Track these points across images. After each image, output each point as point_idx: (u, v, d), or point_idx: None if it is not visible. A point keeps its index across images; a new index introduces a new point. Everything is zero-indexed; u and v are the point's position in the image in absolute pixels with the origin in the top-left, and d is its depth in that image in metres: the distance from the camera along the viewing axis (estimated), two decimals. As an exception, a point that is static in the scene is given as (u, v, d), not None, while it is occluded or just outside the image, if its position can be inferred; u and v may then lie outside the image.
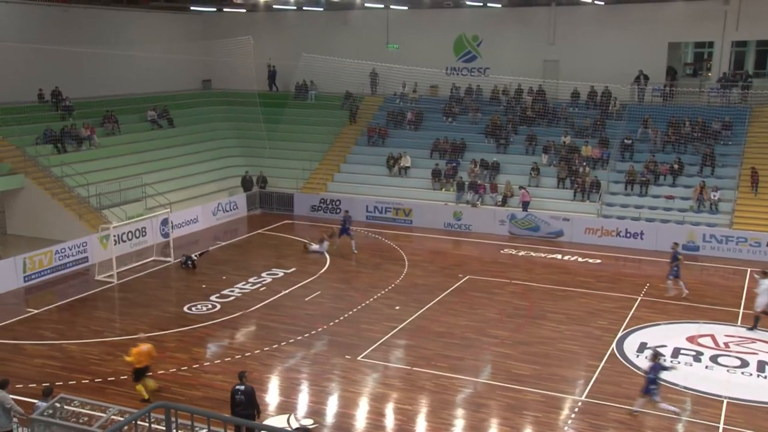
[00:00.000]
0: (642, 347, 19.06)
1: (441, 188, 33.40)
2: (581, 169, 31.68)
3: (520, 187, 31.45)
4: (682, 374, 17.18)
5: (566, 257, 27.57)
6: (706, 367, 17.89)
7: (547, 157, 32.99)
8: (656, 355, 15.36)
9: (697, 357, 18.41)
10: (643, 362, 18.13)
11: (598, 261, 27.04)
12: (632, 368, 17.86)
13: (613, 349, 18.96)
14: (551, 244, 29.34)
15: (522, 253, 28.14)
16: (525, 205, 30.86)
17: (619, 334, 19.89)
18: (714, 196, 28.96)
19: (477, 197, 32.06)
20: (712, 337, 19.65)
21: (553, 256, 27.78)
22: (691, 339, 19.41)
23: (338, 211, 33.70)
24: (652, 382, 15.08)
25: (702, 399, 16.38)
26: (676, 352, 18.63)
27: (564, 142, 33.22)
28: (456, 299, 22.77)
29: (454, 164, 33.86)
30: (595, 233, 29.27)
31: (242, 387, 13.89)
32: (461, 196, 32.49)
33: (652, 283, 24.15)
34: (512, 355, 18.54)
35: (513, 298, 22.95)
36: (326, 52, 37.96)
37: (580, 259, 27.27)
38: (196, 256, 26.24)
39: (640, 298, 22.84)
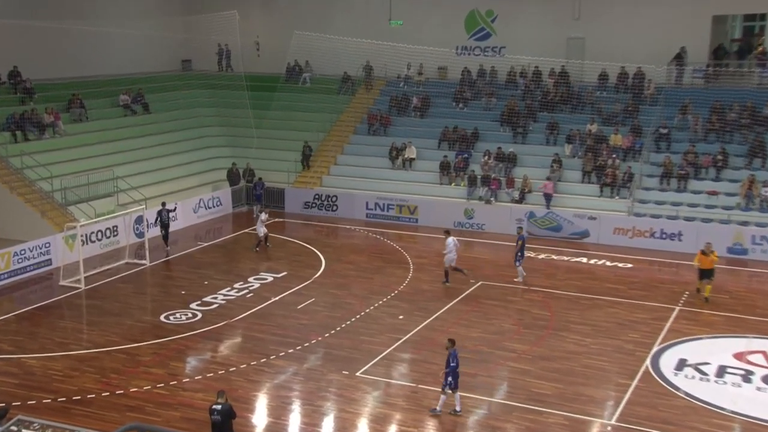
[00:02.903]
0: (681, 365, 18.88)
1: (450, 183, 33.29)
2: (610, 162, 31.56)
3: (548, 178, 31.32)
4: (729, 396, 16.98)
5: (593, 261, 27.47)
6: (758, 388, 17.65)
7: (570, 148, 32.86)
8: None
9: (747, 377, 18.19)
10: (683, 381, 17.97)
11: (630, 265, 26.91)
12: (670, 388, 17.70)
13: (647, 366, 18.82)
14: (575, 246, 29.23)
15: (542, 256, 28.02)
16: (548, 199, 30.75)
17: (654, 349, 19.74)
18: (765, 191, 28.77)
19: (491, 193, 31.94)
20: (765, 354, 19.43)
21: (578, 259, 27.67)
22: (739, 356, 19.19)
23: (335, 208, 33.61)
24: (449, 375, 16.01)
25: (754, 426, 16.16)
26: (721, 371, 18.40)
27: (590, 131, 33.10)
28: (467, 308, 22.67)
29: (465, 156, 33.73)
30: (625, 234, 29.13)
31: (219, 406, 13.80)
32: (473, 192, 32.38)
33: (691, 291, 24.01)
34: (531, 372, 18.43)
35: (532, 306, 22.83)
36: (321, 29, 37.83)
37: (608, 263, 27.15)
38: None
39: (678, 308, 22.69)
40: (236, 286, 24.45)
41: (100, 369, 18.46)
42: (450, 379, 16.19)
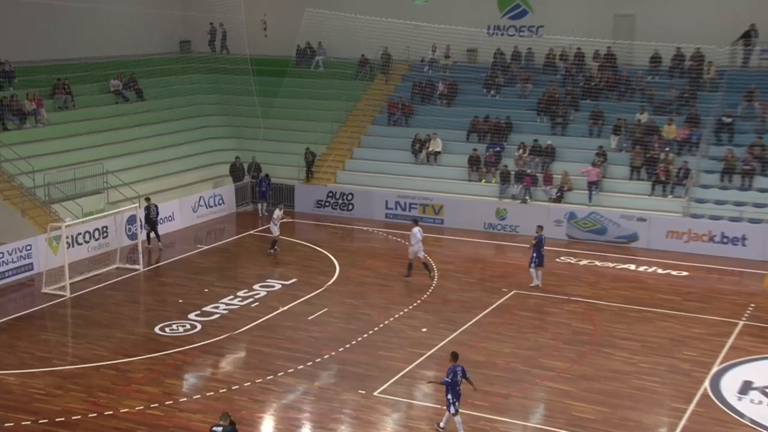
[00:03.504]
0: (746, 388, 18.64)
1: (480, 179, 33.22)
2: (662, 155, 31.32)
3: (593, 164, 31.12)
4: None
5: (642, 268, 27.33)
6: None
7: (617, 140, 32.71)
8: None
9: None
10: (748, 407, 17.73)
11: (685, 273, 26.72)
12: (732, 414, 17.49)
13: (705, 388, 18.63)
14: (622, 251, 29.11)
15: (584, 262, 27.97)
16: (592, 189, 30.64)
17: (714, 370, 19.54)
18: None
19: (526, 191, 31.84)
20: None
21: (625, 266, 27.56)
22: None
23: (351, 208, 33.61)
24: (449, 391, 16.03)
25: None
26: (792, 396, 18.19)
27: (639, 121, 32.87)
28: (499, 320, 22.62)
29: (498, 149, 33.65)
30: (680, 237, 28.95)
31: (220, 428, 13.82)
32: (506, 190, 32.30)
33: (758, 304, 23.74)
34: (572, 393, 18.32)
35: (573, 319, 22.73)
36: (336, 7, 37.86)
37: (660, 271, 27.00)
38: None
39: (741, 323, 22.45)
40: (240, 294, 24.49)
41: (86, 387, 18.52)
42: (449, 396, 16.12)
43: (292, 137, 37.52)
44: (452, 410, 16.15)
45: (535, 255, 25.08)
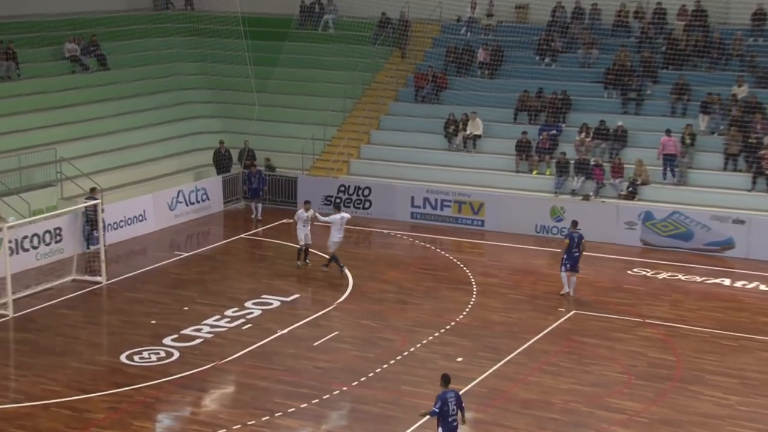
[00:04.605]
0: None
1: (531, 170, 33.15)
2: (767, 140, 31.13)
3: (667, 132, 31.01)
4: None
5: (739, 284, 27.18)
6: None
7: (707, 120, 32.58)
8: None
9: None
10: None
11: (794, 291, 26.65)
12: None
13: (821, 435, 18.44)
14: (713, 261, 29.00)
15: (664, 275, 27.85)
16: (668, 164, 30.54)
17: (831, 412, 19.32)
18: None
19: (597, 186, 31.75)
20: None
21: (717, 280, 27.43)
22: None
23: (368, 205, 33.55)
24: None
25: None
26: None
27: (737, 96, 32.71)
28: (555, 347, 22.51)
29: (553, 132, 33.54)
30: (788, 245, 28.89)
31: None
32: (563, 183, 32.20)
33: None
34: (651, 442, 18.21)
35: (649, 347, 22.59)
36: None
37: (763, 287, 26.83)
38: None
39: None
40: (228, 313, 24.45)
41: (34, 431, 18.44)
42: (440, 430, 15.96)
43: (295, 117, 37.55)
44: None
45: (565, 257, 25.52)
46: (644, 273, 28.00)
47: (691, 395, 20.06)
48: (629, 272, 27.98)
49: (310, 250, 28.14)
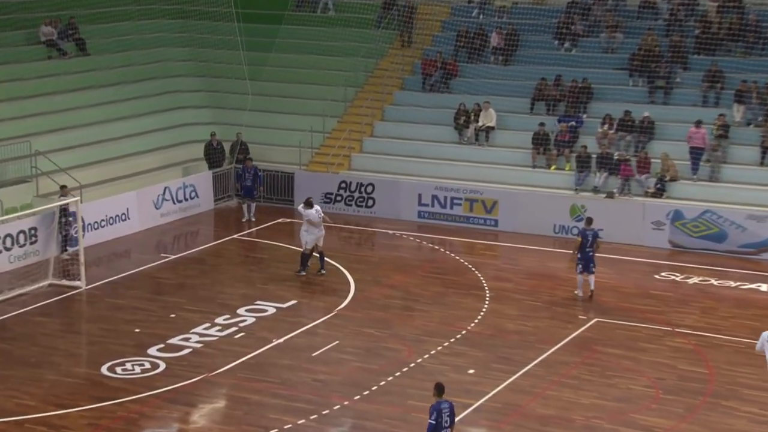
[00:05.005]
0: None
1: (549, 165, 33.18)
2: (808, 132, 31.33)
3: (697, 123, 30.92)
4: None
5: (777, 289, 27.22)
6: None
7: (743, 110, 32.56)
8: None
9: None
10: None
11: (838, 297, 26.60)
12: None
13: None
14: (749, 264, 28.96)
15: (695, 279, 27.83)
16: (695, 158, 30.55)
17: None
18: None
19: (624, 183, 31.77)
20: None
21: (753, 285, 27.38)
22: None
23: (371, 203, 33.54)
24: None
25: None
26: None
27: (773, 85, 32.73)
28: (575, 358, 22.47)
29: (573, 123, 33.55)
30: (831, 247, 28.92)
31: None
32: (585, 179, 32.24)
33: None
34: (680, 462, 18.22)
35: (678, 359, 22.53)
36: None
37: (802, 293, 26.88)
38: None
39: None
40: (219, 321, 24.42)
41: (8, 448, 18.53)
42: None
43: (291, 107, 37.56)
44: None
45: (579, 256, 25.71)
46: (673, 277, 27.95)
47: (725, 411, 19.99)
48: (656, 277, 27.94)
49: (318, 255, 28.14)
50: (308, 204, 27.52)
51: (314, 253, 27.66)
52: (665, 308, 25.54)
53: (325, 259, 28.08)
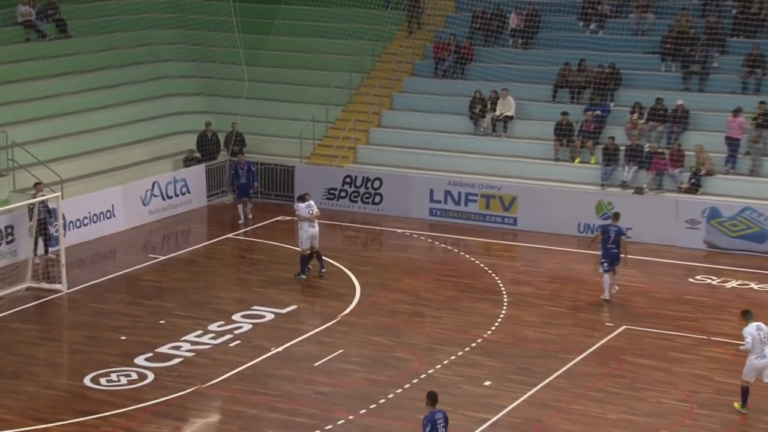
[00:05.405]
0: None
1: (573, 158, 33.15)
2: None
3: (735, 111, 30.94)
4: None
5: (824, 294, 27.10)
6: None
7: (786, 98, 32.48)
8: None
9: None
10: None
11: None
12: None
13: None
14: (792, 267, 28.87)
15: (733, 283, 27.75)
16: (733, 150, 30.57)
17: None
18: None
19: (657, 178, 31.70)
20: None
21: (797, 290, 27.37)
22: None
23: (378, 199, 33.48)
24: None
25: None
26: None
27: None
28: (602, 370, 22.41)
29: (600, 112, 33.50)
30: None
31: None
32: (612, 174, 32.22)
33: None
34: (716, 484, 18.17)
35: (715, 370, 22.42)
36: None
37: None
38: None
39: None
40: (213, 328, 24.40)
41: (-19, 466, 18.55)
42: None
43: (291, 95, 37.58)
44: None
45: (602, 254, 25.93)
46: (709, 281, 27.90)
47: (764, 428, 19.92)
48: (691, 280, 27.93)
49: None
50: (300, 198, 27.64)
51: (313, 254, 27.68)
52: (700, 315, 25.46)
53: (330, 261, 28.05)
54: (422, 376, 21.90)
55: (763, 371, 19.92)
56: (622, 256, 25.74)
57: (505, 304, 26.11)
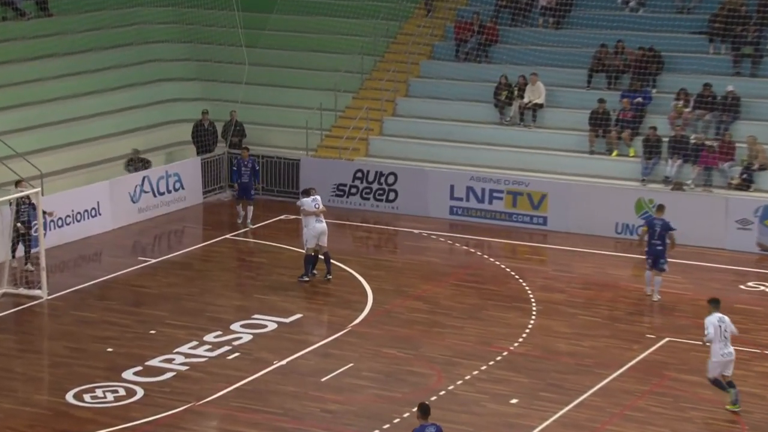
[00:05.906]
0: None
1: (610, 150, 33.21)
2: None
3: None
4: None
5: None
6: None
7: None
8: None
9: None
10: None
11: None
12: None
13: None
14: None
15: (789, 290, 27.81)
16: None
17: None
18: None
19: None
20: None
21: None
22: None
23: (393, 196, 33.50)
24: None
25: None
26: None
27: None
28: (642, 387, 22.37)
29: (640, 99, 33.56)
30: None
31: None
32: (653, 168, 32.27)
33: None
34: None
35: (770, 387, 22.48)
36: None
37: None
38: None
39: None
40: (209, 339, 24.46)
41: (-46, 490, 18.62)
42: None
43: (296, 81, 37.67)
44: None
45: (647, 250, 26.03)
46: (763, 288, 27.88)
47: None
48: (742, 287, 27.89)
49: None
50: (305, 192, 27.77)
51: (320, 255, 27.66)
52: (753, 326, 25.30)
53: (339, 264, 28.11)
54: (441, 392, 21.90)
55: (727, 366, 20.66)
56: (661, 248, 25.93)
57: (534, 313, 26.13)
